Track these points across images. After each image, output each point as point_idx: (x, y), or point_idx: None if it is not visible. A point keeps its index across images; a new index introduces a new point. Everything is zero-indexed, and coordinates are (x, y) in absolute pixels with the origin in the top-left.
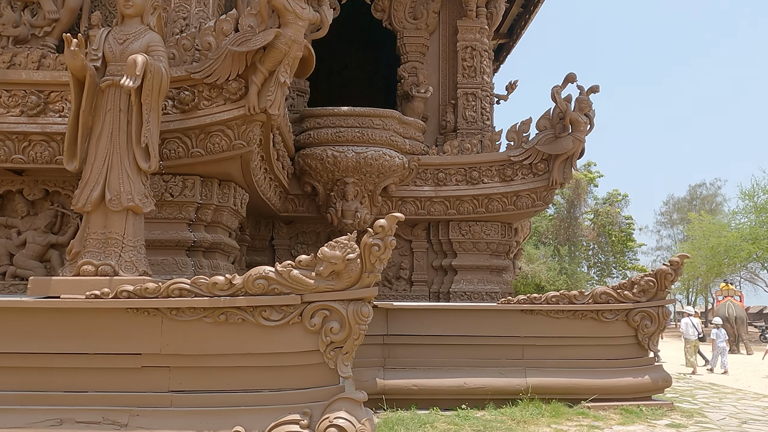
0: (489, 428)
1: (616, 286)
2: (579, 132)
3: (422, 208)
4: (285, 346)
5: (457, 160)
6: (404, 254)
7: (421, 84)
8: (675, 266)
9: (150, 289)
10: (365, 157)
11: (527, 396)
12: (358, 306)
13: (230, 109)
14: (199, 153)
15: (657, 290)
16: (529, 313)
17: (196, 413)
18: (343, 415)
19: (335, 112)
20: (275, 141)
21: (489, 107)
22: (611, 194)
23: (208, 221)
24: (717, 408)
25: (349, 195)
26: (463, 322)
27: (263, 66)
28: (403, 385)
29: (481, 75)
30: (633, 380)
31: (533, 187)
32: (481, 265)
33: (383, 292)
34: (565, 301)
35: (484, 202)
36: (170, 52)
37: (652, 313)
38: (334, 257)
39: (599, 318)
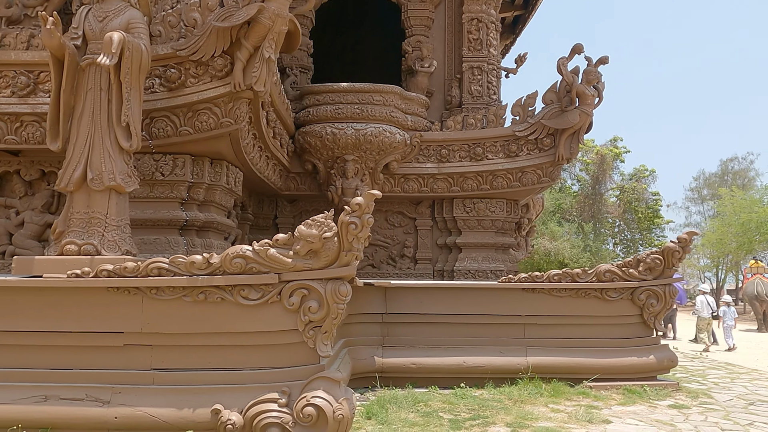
0: (484, 407)
1: (621, 264)
2: (586, 105)
3: (425, 186)
4: (264, 325)
5: (460, 136)
6: (408, 232)
7: (425, 58)
8: (683, 243)
9: (129, 268)
10: (365, 133)
11: (527, 375)
12: (336, 285)
13: (216, 86)
14: (188, 131)
15: (664, 268)
16: (531, 292)
17: (177, 391)
18: (320, 395)
19: (334, 89)
20: (269, 119)
21: (496, 81)
22: (638, 170)
23: (200, 200)
24: (727, 389)
25: (349, 173)
26: (462, 300)
27: (248, 42)
28: (401, 364)
29: (487, 48)
30: (637, 360)
31: (539, 162)
32: (486, 242)
33: (387, 270)
34: (568, 279)
35: (489, 178)
36: (156, 29)
37: (658, 291)
38: (311, 236)
39: (603, 297)
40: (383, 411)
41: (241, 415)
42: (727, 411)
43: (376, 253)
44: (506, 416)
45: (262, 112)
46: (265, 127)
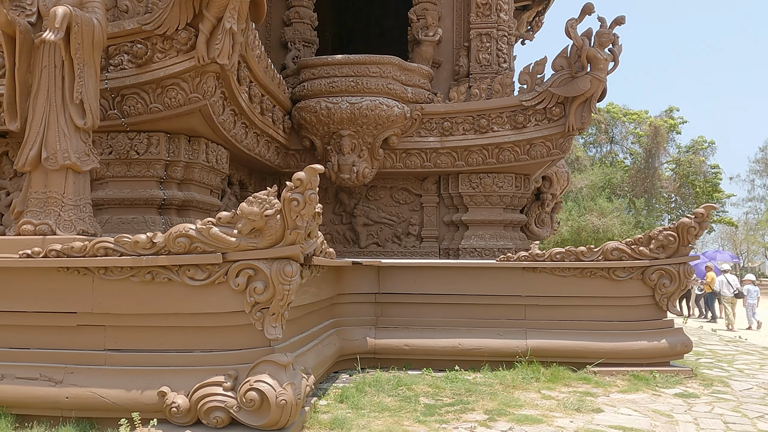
0: (471, 392)
1: (631, 241)
2: (598, 70)
3: (428, 161)
4: (212, 306)
5: (463, 108)
6: (414, 209)
7: (429, 27)
8: (700, 219)
9: (76, 248)
10: (360, 107)
11: (526, 359)
12: (281, 265)
13: (182, 60)
14: (158, 108)
15: (678, 246)
16: (532, 271)
17: (127, 372)
18: (264, 379)
19: (329, 61)
20: (252, 94)
21: (507, 48)
22: (696, 141)
23: (179, 178)
24: (751, 376)
25: (345, 148)
26: (459, 280)
27: (209, 13)
28: (394, 345)
29: (497, 13)
30: (647, 344)
31: (548, 134)
32: (493, 219)
33: (392, 248)
34: (572, 258)
35: (495, 152)
36: (124, 4)
37: (671, 271)
38: (252, 213)
39: (610, 276)
40: (360, 394)
41: (188, 398)
42: (740, 401)
43: (381, 231)
44: (489, 402)
45: (241, 88)
46: (247, 103)
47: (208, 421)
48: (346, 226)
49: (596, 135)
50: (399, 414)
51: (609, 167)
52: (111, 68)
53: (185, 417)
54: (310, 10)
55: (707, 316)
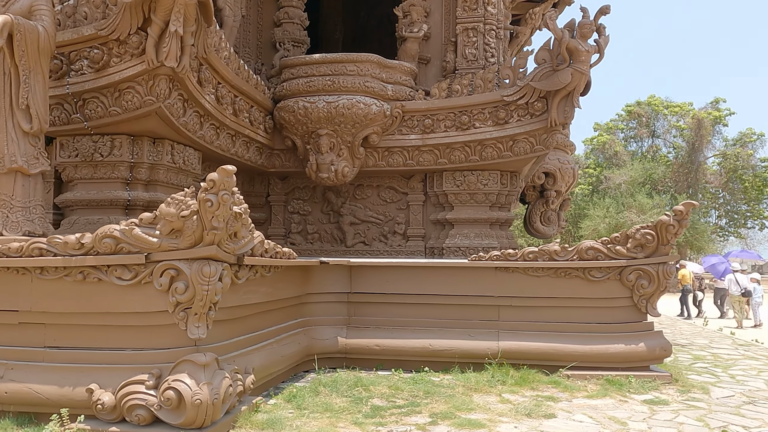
0: (430, 394)
1: (607, 240)
2: (580, 63)
3: (411, 159)
4: (139, 306)
5: (445, 104)
6: (401, 208)
7: (414, 23)
8: (679, 216)
9: (13, 249)
10: (336, 106)
11: (496, 361)
12: (200, 265)
13: (135, 64)
14: (116, 111)
15: (657, 245)
16: (504, 271)
17: (62, 369)
18: (182, 378)
19: (307, 61)
20: (219, 95)
21: (495, 42)
22: (743, 134)
23: (145, 179)
24: (741, 383)
25: (323, 147)
26: (432, 280)
27: (156, 17)
28: (365, 345)
29: (484, 6)
30: (624, 348)
31: (530, 129)
32: (478, 218)
33: (378, 247)
34: (545, 257)
35: (477, 149)
36: (83, 11)
37: (649, 271)
38: (170, 215)
39: (586, 277)
40: (312, 395)
41: (114, 396)
42: (711, 410)
43: (369, 230)
44: (441, 405)
45: (204, 89)
46: (214, 104)
47: (131, 418)
48: (334, 225)
49: (637, 129)
50: (339, 415)
51: (650, 162)
52: (72, 73)
53: (111, 414)
54: (299, 10)
55: (685, 314)
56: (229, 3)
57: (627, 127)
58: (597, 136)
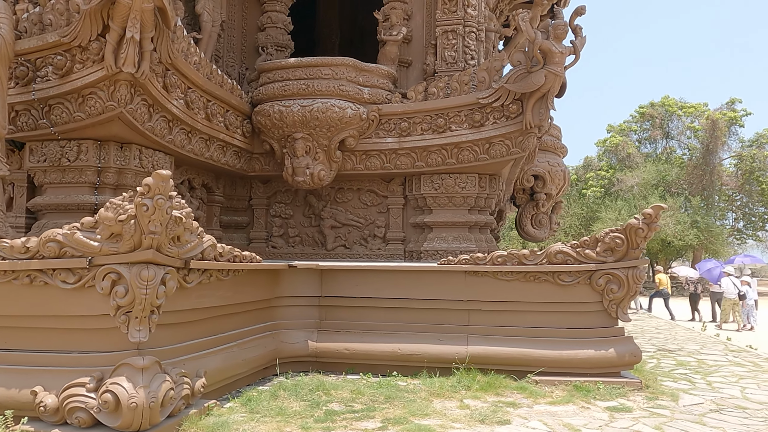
0: (390, 398)
1: (576, 244)
2: (554, 64)
3: (388, 162)
4: (83, 309)
5: (421, 107)
6: (382, 211)
7: (394, 26)
8: (648, 220)
9: None
10: (311, 110)
11: (464, 366)
12: (138, 269)
13: (96, 70)
14: (81, 117)
15: (627, 249)
16: (474, 275)
17: (9, 371)
18: (119, 381)
19: (283, 65)
20: (189, 100)
21: (475, 44)
22: (760, 135)
23: (113, 184)
24: (716, 390)
25: (299, 151)
26: (401, 283)
27: (114, 23)
28: (334, 349)
29: (463, 8)
30: (594, 353)
31: (506, 132)
32: (456, 221)
33: (358, 251)
34: (514, 261)
35: (454, 151)
36: (48, 18)
37: (619, 275)
38: (108, 219)
39: (556, 281)
40: (269, 399)
41: (57, 398)
42: (673, 418)
43: (350, 234)
44: (397, 411)
45: (171, 94)
46: (183, 109)
47: (72, 420)
48: (315, 228)
49: (650, 130)
50: (290, 419)
51: (664, 164)
52: (38, 79)
53: (54, 416)
54: (283, 14)
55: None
56: (207, 8)
57: (640, 129)
58: (609, 138)
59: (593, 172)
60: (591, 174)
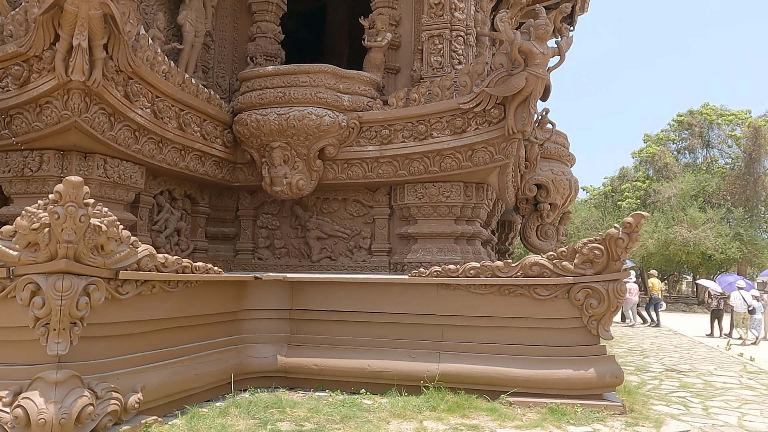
0: (347, 418)
1: (553, 256)
2: (535, 66)
3: (370, 171)
4: (6, 321)
5: (402, 114)
6: (368, 222)
7: (379, 32)
8: (628, 229)
9: None
10: (287, 118)
11: (433, 385)
12: (54, 279)
13: (50, 79)
14: (39, 126)
15: (608, 260)
16: (447, 288)
17: None
18: (31, 396)
19: (261, 73)
20: (157, 109)
21: (462, 48)
22: None
23: None
24: (710, 416)
25: (276, 160)
26: (372, 296)
27: (63, 31)
28: (303, 364)
29: (450, 12)
30: (572, 373)
31: (489, 138)
32: (441, 232)
33: (344, 263)
34: (488, 273)
35: (436, 159)
36: (8, 29)
37: (599, 289)
38: (23, 227)
39: (532, 295)
40: (219, 416)
41: None
42: None
43: (336, 245)
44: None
45: (135, 103)
46: (150, 118)
47: None
48: (301, 239)
49: (689, 139)
50: None
51: (704, 173)
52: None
53: None
54: (273, 25)
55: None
56: (189, 19)
57: (678, 138)
58: (646, 148)
59: (629, 183)
60: (627, 185)
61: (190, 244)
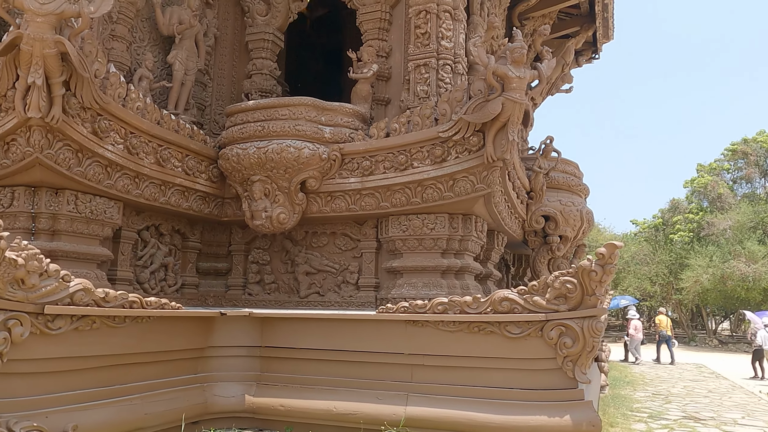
0: None
1: (524, 290)
2: (511, 90)
3: (353, 203)
4: None
5: (383, 144)
6: (356, 256)
7: (365, 64)
8: (601, 261)
9: None
10: (266, 151)
11: (396, 429)
12: None
13: (12, 118)
14: (7, 163)
15: (582, 296)
16: (414, 325)
17: None
18: None
19: (243, 108)
20: (132, 144)
21: (450, 77)
22: None
23: (48, 229)
24: None
25: (256, 194)
26: (341, 333)
27: (21, 70)
28: (270, 405)
29: (437, 41)
30: (546, 420)
31: (469, 167)
32: (426, 266)
33: (331, 298)
34: (456, 309)
35: (418, 190)
36: None
37: (573, 327)
38: None
39: (503, 332)
40: None
41: None
42: None
43: (325, 280)
44: None
45: (105, 140)
46: (123, 154)
47: None
48: (291, 274)
49: (745, 168)
50: None
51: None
52: None
53: None
54: (270, 61)
55: None
56: (179, 58)
57: (734, 167)
58: (698, 178)
59: (681, 215)
60: (678, 217)
61: (178, 279)
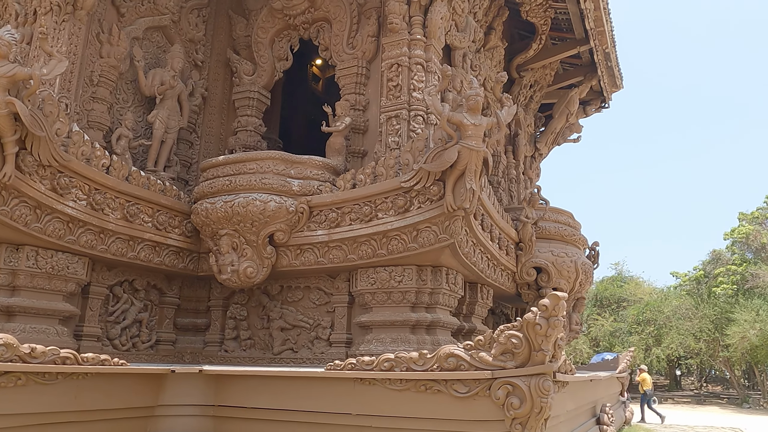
0: None
1: (471, 345)
2: (467, 138)
3: (321, 256)
4: None
5: (349, 196)
6: (329, 311)
7: (339, 117)
8: (545, 313)
9: None
10: (232, 205)
11: None
12: None
13: None
14: None
15: (529, 351)
16: (362, 383)
17: None
18: None
19: (213, 163)
20: (95, 200)
21: (422, 128)
22: None
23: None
24: None
25: (224, 248)
26: (292, 392)
27: None
28: None
29: (408, 93)
30: None
31: (431, 217)
32: (395, 320)
33: (304, 355)
34: (402, 366)
35: (383, 241)
36: None
37: (520, 386)
38: None
39: (450, 392)
40: None
41: None
42: None
43: (299, 336)
44: None
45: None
46: (86, 210)
47: None
48: (266, 330)
49: None
50: None
51: None
52: None
53: None
54: (255, 119)
55: None
56: (160, 117)
57: None
58: (739, 228)
59: (723, 266)
60: (721, 269)
61: (153, 335)
